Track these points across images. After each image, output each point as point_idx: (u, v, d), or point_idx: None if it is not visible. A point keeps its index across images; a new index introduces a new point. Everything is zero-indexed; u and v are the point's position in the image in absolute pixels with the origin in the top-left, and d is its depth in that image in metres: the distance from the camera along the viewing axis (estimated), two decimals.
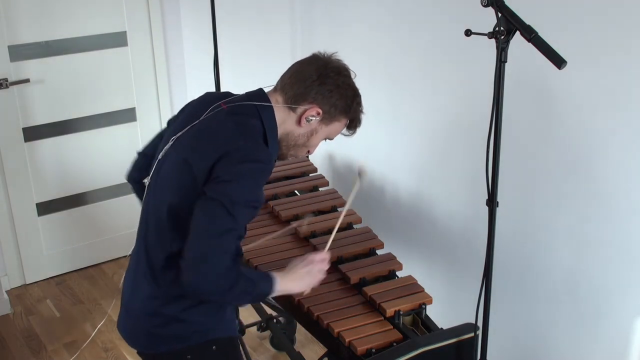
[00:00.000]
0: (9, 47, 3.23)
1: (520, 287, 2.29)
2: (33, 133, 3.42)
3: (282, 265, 2.13)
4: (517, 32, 1.46)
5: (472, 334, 1.79)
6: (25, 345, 3.11)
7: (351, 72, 1.68)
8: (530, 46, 1.45)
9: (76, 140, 3.53)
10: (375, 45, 2.61)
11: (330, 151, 3.01)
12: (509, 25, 1.46)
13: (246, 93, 1.67)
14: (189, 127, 1.61)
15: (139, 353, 1.75)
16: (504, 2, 1.47)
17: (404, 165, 2.64)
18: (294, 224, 2.09)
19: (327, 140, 1.75)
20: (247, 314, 3.03)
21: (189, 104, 1.76)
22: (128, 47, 3.58)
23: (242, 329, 2.87)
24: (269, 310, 2.80)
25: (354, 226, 2.37)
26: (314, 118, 1.63)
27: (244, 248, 1.98)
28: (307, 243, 2.27)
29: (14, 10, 3.21)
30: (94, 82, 3.51)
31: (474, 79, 2.25)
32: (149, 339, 1.68)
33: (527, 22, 1.46)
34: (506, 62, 1.49)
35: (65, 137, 3.50)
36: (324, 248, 1.81)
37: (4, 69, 3.23)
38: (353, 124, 1.71)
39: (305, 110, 1.62)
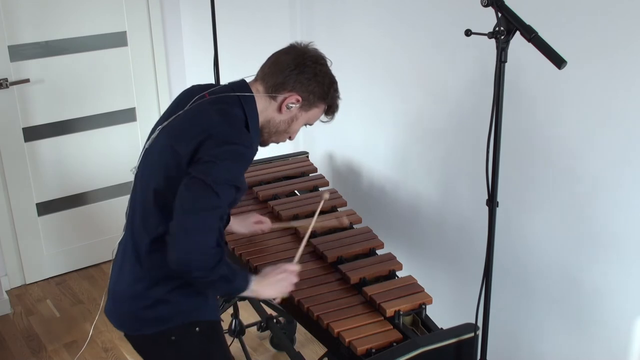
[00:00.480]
0: (9, 47, 3.23)
1: (520, 288, 2.29)
2: (33, 133, 3.42)
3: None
4: (517, 32, 1.46)
5: (472, 334, 1.79)
6: (25, 345, 3.11)
7: (327, 61, 1.77)
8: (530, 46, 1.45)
9: (76, 140, 3.53)
10: (375, 45, 2.61)
11: (330, 151, 3.01)
12: (509, 25, 1.46)
13: (229, 83, 1.75)
14: (174, 116, 1.69)
15: (126, 336, 1.81)
16: (504, 2, 1.47)
17: (404, 165, 2.64)
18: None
19: (307, 125, 1.83)
20: (247, 314, 3.03)
21: (178, 96, 1.82)
22: (128, 47, 3.58)
23: (242, 329, 2.87)
24: (269, 310, 2.80)
25: (354, 226, 2.37)
26: (294, 105, 1.73)
27: (294, 223, 2.19)
28: (307, 243, 2.26)
29: (14, 10, 3.21)
30: (93, 82, 3.51)
31: (474, 79, 2.25)
32: (134, 322, 1.74)
33: (527, 22, 1.46)
34: (506, 62, 1.49)
35: (65, 137, 3.51)
36: (297, 257, 1.89)
37: (4, 69, 3.23)
38: (331, 109, 1.81)
39: (285, 98, 1.71)
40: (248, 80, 1.76)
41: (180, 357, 1.76)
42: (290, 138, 1.83)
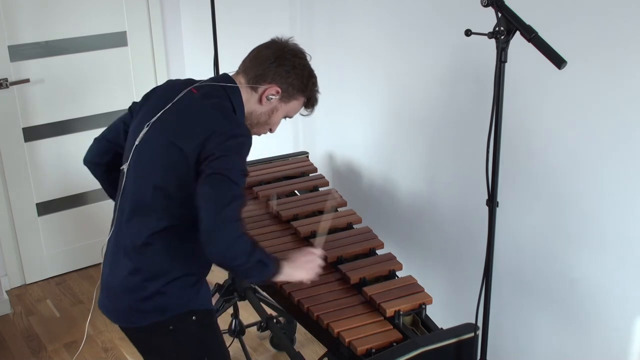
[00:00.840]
0: (9, 47, 3.23)
1: (520, 287, 2.29)
2: (33, 133, 3.41)
3: None
4: (517, 32, 1.46)
5: (472, 334, 1.79)
6: (25, 345, 3.11)
7: (307, 55, 1.85)
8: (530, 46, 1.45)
9: (76, 140, 3.52)
10: (375, 45, 2.61)
11: (331, 151, 3.01)
12: (509, 25, 1.46)
13: (211, 78, 1.82)
14: (161, 112, 1.73)
15: (122, 329, 1.84)
16: (504, 2, 1.47)
17: (404, 166, 2.64)
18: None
19: (287, 118, 1.89)
20: (247, 314, 3.03)
21: (152, 91, 1.87)
22: (128, 47, 3.58)
23: (242, 329, 2.87)
24: (269, 310, 2.80)
25: (354, 226, 2.37)
26: (273, 97, 1.79)
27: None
28: (307, 243, 2.27)
29: (14, 10, 3.21)
30: (93, 82, 3.51)
31: (474, 79, 2.25)
32: (131, 314, 1.77)
33: (527, 22, 1.46)
34: (506, 62, 1.49)
35: (65, 137, 3.50)
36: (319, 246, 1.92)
37: (4, 69, 3.23)
38: (310, 102, 1.88)
39: (265, 89, 1.77)
40: (230, 74, 1.83)
41: (178, 345, 1.80)
42: (270, 130, 1.89)
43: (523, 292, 2.29)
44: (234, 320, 2.85)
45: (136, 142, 1.74)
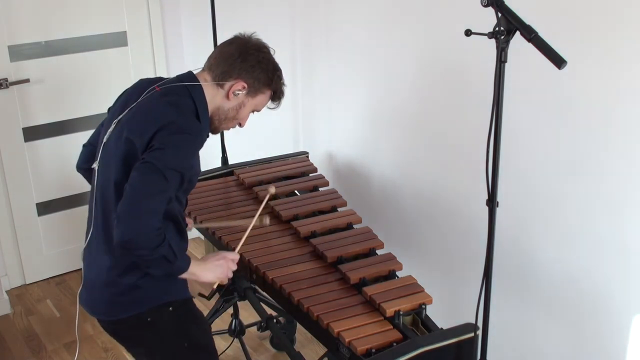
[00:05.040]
0: (9, 47, 3.23)
1: (520, 287, 2.29)
2: (33, 133, 3.42)
3: (283, 264, 2.15)
4: (517, 32, 1.46)
5: (472, 334, 1.79)
6: (25, 345, 3.11)
7: (271, 49, 1.87)
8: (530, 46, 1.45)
9: (76, 140, 3.51)
10: (375, 45, 2.61)
11: (330, 151, 3.01)
12: (509, 25, 1.46)
13: (177, 76, 1.84)
14: (127, 110, 1.78)
15: (100, 321, 1.89)
16: (503, 2, 1.47)
17: (404, 166, 2.64)
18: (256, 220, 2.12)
19: (255, 112, 1.91)
20: (247, 314, 3.03)
21: (124, 91, 1.91)
22: (128, 47, 3.58)
23: (242, 329, 2.87)
24: (269, 310, 2.80)
25: (354, 226, 2.37)
26: (240, 92, 1.82)
27: (205, 225, 2.36)
28: (307, 243, 2.27)
29: (14, 10, 3.21)
30: (94, 82, 3.51)
31: (475, 78, 2.25)
32: (109, 307, 1.82)
33: (527, 22, 1.46)
34: (506, 62, 1.49)
35: (65, 137, 3.51)
36: (239, 247, 1.97)
37: (4, 69, 3.23)
38: (277, 95, 1.90)
39: (232, 85, 1.80)
40: (196, 71, 1.86)
41: (157, 336, 1.85)
42: (240, 125, 1.91)
43: (523, 292, 2.29)
44: (234, 320, 2.85)
45: (103, 140, 1.81)
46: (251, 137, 3.41)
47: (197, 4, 3.50)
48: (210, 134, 1.88)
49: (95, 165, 1.83)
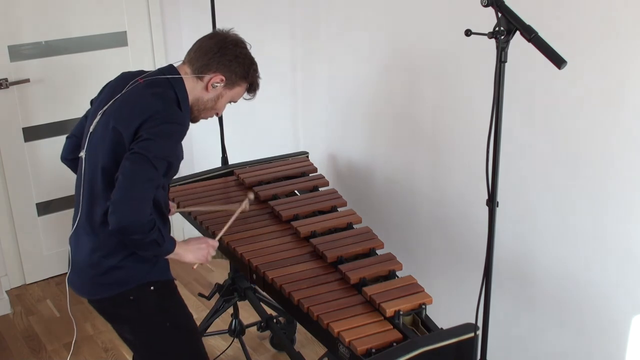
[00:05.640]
0: (9, 47, 3.23)
1: (520, 287, 2.29)
2: (33, 133, 3.41)
3: (282, 264, 2.15)
4: (517, 32, 1.46)
5: (472, 334, 1.79)
6: (25, 345, 3.11)
7: (247, 44, 1.98)
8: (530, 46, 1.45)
9: None
10: (375, 45, 2.62)
11: (331, 151, 3.01)
12: (509, 25, 1.46)
13: (159, 69, 1.96)
14: (112, 101, 1.88)
15: (89, 301, 1.99)
16: (503, 2, 1.47)
17: (404, 165, 2.64)
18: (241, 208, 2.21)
19: (232, 102, 2.03)
20: (247, 314, 3.03)
21: (107, 84, 2.02)
22: (128, 47, 3.58)
23: (242, 329, 2.87)
24: (269, 310, 2.80)
25: (354, 226, 2.37)
26: (218, 84, 1.93)
27: (190, 209, 2.46)
28: (307, 243, 2.27)
29: (14, 10, 3.21)
30: (94, 82, 3.49)
31: (474, 79, 2.25)
32: (94, 287, 1.92)
33: (527, 22, 1.46)
34: (506, 62, 1.49)
35: (65, 137, 3.50)
36: (219, 235, 2.11)
37: (4, 69, 3.23)
38: (252, 87, 2.01)
39: (211, 78, 1.91)
40: (176, 64, 1.97)
41: (139, 313, 1.95)
42: (217, 114, 2.04)
43: (523, 292, 2.29)
44: (234, 320, 2.85)
45: (90, 130, 1.90)
46: (251, 138, 3.41)
47: (197, 4, 3.49)
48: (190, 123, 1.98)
49: (82, 154, 1.92)
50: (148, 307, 1.95)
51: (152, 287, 1.93)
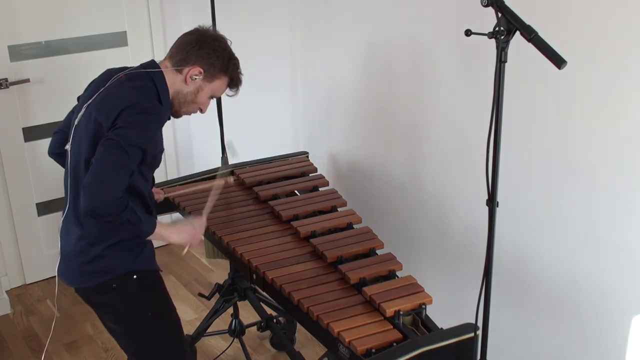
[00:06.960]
0: (9, 47, 3.23)
1: (520, 287, 2.29)
2: (33, 133, 3.42)
3: (282, 264, 2.15)
4: (517, 32, 1.46)
5: (472, 334, 1.79)
6: (25, 345, 3.11)
7: (228, 40, 2.03)
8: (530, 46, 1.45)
9: None
10: (375, 44, 2.61)
11: (330, 151, 3.01)
12: (509, 25, 1.46)
13: (141, 64, 2.02)
14: (96, 95, 1.94)
15: (76, 291, 2.03)
16: (503, 2, 1.47)
17: (403, 165, 2.65)
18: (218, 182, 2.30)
19: (214, 97, 2.06)
20: (247, 314, 3.03)
21: (93, 80, 2.08)
22: (128, 47, 3.58)
23: (242, 329, 2.87)
24: (269, 310, 2.80)
25: (354, 226, 2.37)
26: (197, 77, 1.97)
27: (173, 193, 2.51)
28: (307, 243, 2.27)
29: (14, 10, 3.21)
30: None
31: (474, 79, 2.25)
32: (80, 276, 1.97)
33: (527, 22, 1.46)
34: (506, 62, 1.49)
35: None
36: (206, 214, 2.12)
37: (4, 69, 3.23)
38: (234, 82, 2.05)
39: (189, 70, 1.96)
40: (158, 60, 2.02)
41: (122, 301, 1.99)
42: (201, 110, 2.07)
43: (523, 292, 2.29)
44: (234, 320, 2.85)
45: (75, 123, 1.97)
46: (251, 137, 3.41)
47: (197, 4, 3.50)
48: (171, 117, 2.04)
49: (68, 147, 1.99)
50: (130, 296, 1.99)
51: (135, 276, 1.97)
